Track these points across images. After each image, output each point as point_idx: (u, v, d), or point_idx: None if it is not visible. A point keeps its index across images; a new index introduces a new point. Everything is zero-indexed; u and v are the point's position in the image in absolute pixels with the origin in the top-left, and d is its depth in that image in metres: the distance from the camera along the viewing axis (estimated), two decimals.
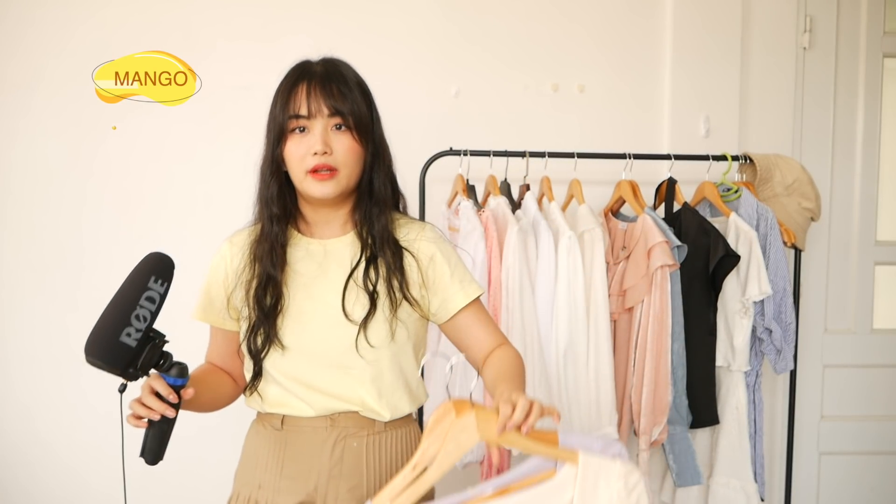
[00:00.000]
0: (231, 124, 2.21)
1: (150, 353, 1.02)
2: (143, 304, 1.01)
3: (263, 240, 1.22)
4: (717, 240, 1.88)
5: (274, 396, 1.21)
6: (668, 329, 1.85)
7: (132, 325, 1.00)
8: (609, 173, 2.07)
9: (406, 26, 2.23)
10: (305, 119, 1.16)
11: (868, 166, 2.42)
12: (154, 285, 1.03)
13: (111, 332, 0.99)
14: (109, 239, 2.20)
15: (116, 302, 1.03)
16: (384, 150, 1.24)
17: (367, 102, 1.20)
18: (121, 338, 0.99)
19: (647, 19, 2.30)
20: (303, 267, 1.22)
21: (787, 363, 1.99)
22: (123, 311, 1.01)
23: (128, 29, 2.18)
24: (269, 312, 1.18)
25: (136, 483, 2.26)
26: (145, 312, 1.01)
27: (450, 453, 1.01)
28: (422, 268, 1.22)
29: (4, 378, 2.21)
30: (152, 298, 1.02)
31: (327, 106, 1.15)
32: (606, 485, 1.01)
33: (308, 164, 1.15)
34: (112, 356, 0.99)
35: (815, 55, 2.37)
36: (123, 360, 1.00)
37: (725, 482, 1.96)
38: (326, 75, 1.18)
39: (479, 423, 1.00)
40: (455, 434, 1.01)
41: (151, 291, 1.02)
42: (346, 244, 1.23)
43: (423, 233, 1.25)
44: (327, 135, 1.16)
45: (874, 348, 2.45)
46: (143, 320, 1.01)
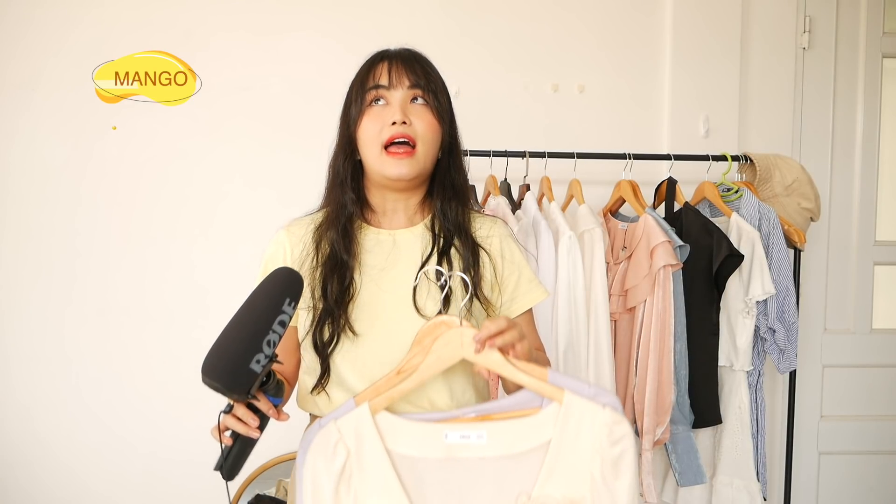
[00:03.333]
0: (231, 124, 2.21)
1: (263, 374, 0.95)
2: (275, 329, 0.93)
3: (332, 225, 1.16)
4: (720, 240, 1.88)
5: (340, 400, 1.12)
6: (670, 329, 1.85)
7: (263, 351, 0.92)
8: (609, 173, 2.07)
9: (407, 26, 2.23)
10: (385, 89, 1.12)
11: (867, 166, 2.42)
12: (287, 308, 0.95)
13: (241, 360, 0.91)
14: (109, 238, 2.20)
15: (249, 325, 0.94)
16: (458, 145, 1.21)
17: (446, 95, 1.17)
18: (250, 365, 0.91)
19: (647, 19, 2.30)
20: (371, 258, 1.16)
21: (791, 363, 1.99)
22: (256, 337, 0.92)
23: (128, 29, 2.18)
24: (339, 299, 1.11)
25: (136, 483, 2.28)
26: (275, 338, 0.94)
27: (430, 365, 1.02)
28: (494, 264, 1.18)
29: (4, 378, 2.21)
30: (283, 322, 0.95)
31: (409, 78, 1.12)
32: (590, 430, 0.97)
33: (384, 136, 1.11)
34: (238, 383, 0.91)
35: (815, 55, 2.38)
36: (246, 387, 0.92)
37: (728, 482, 1.96)
38: (409, 55, 1.16)
39: (462, 340, 1.01)
40: (439, 347, 1.01)
41: (284, 315, 0.95)
42: (416, 235, 1.18)
43: (496, 228, 1.21)
44: (406, 105, 1.12)
45: (874, 348, 2.45)
46: (273, 346, 0.93)
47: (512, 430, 0.99)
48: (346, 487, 0.98)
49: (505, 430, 0.99)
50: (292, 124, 2.21)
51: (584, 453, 0.97)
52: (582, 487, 0.97)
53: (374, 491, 0.98)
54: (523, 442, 0.99)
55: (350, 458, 0.98)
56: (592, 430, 0.97)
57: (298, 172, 2.08)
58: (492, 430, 0.99)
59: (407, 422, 1.00)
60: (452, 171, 1.19)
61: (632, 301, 1.89)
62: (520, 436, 0.99)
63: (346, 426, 0.99)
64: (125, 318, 2.21)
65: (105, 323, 2.20)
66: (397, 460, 0.99)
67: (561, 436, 0.98)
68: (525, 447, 0.99)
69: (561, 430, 0.98)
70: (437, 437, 0.99)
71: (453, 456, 0.99)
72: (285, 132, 2.21)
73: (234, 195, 2.22)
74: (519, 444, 0.99)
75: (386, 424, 1.00)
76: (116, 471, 2.23)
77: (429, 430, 1.00)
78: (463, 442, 0.99)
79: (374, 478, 0.98)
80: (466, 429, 0.99)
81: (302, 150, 2.19)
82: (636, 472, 0.98)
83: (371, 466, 0.98)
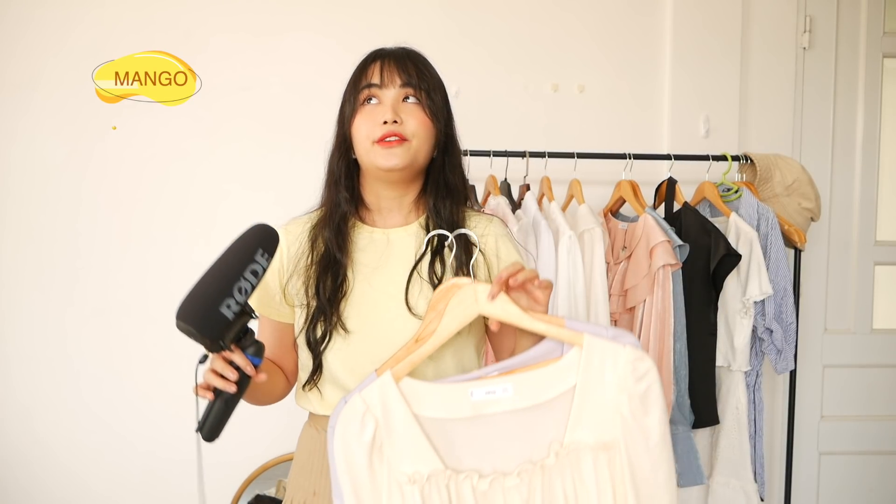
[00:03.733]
0: (231, 124, 2.21)
1: (238, 326, 0.98)
2: (246, 277, 0.96)
3: (327, 223, 1.17)
4: (717, 239, 1.88)
5: (331, 397, 1.16)
6: (670, 329, 1.85)
7: (234, 296, 0.95)
8: (609, 173, 2.07)
9: (407, 25, 2.23)
10: (377, 88, 1.13)
11: (868, 166, 2.42)
12: (260, 259, 0.98)
13: (212, 302, 0.94)
14: (108, 238, 2.20)
15: (219, 270, 0.97)
16: (455, 144, 1.21)
17: (442, 95, 1.17)
18: (220, 308, 0.94)
19: (648, 19, 2.30)
20: (364, 256, 1.17)
21: (788, 363, 1.99)
22: (227, 282, 0.95)
23: (128, 29, 2.18)
24: (331, 297, 1.13)
25: (136, 483, 2.28)
26: (247, 285, 0.96)
27: (447, 325, 1.02)
28: (489, 265, 1.17)
29: (4, 378, 2.21)
30: (256, 272, 0.97)
31: (401, 77, 1.13)
32: (613, 369, 0.96)
33: (376, 134, 1.11)
34: (208, 325, 0.94)
35: (815, 55, 2.38)
36: (218, 330, 0.95)
37: (725, 482, 1.96)
38: (403, 53, 1.16)
39: (477, 295, 1.01)
40: (453, 307, 1.02)
41: (256, 265, 0.97)
42: (409, 234, 1.18)
43: (492, 227, 1.20)
44: (398, 105, 1.13)
45: (874, 348, 2.45)
46: (245, 293, 0.96)
47: (537, 380, 0.99)
48: (378, 457, 0.98)
49: (530, 381, 0.99)
50: (292, 124, 2.21)
51: (611, 393, 0.97)
52: (613, 430, 0.96)
53: (406, 456, 0.98)
54: (549, 390, 0.98)
55: (379, 428, 0.98)
56: (616, 369, 0.96)
57: (298, 172, 2.08)
58: (517, 382, 0.99)
59: (431, 385, 1.00)
60: (447, 170, 1.18)
61: (631, 301, 1.89)
62: (545, 384, 0.98)
63: (372, 397, 0.99)
64: (125, 318, 2.21)
65: (105, 323, 2.20)
66: (426, 424, 0.98)
67: (585, 379, 0.97)
68: (551, 394, 0.98)
69: (585, 372, 0.97)
70: (462, 397, 0.99)
71: (481, 413, 0.98)
72: (285, 132, 2.21)
73: (235, 195, 2.22)
74: (545, 393, 0.98)
75: (410, 390, 0.99)
76: (116, 470, 2.23)
77: (454, 390, 0.99)
78: (489, 398, 0.98)
79: (406, 443, 0.98)
80: (491, 384, 0.99)
81: (302, 151, 2.19)
82: (664, 406, 0.97)
83: (401, 433, 0.98)
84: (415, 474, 0.97)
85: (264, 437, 2.11)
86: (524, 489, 0.97)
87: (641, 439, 0.96)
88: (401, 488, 0.97)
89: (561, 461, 0.97)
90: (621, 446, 0.96)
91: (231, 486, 2.14)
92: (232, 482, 2.16)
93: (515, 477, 0.97)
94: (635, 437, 0.96)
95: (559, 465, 0.97)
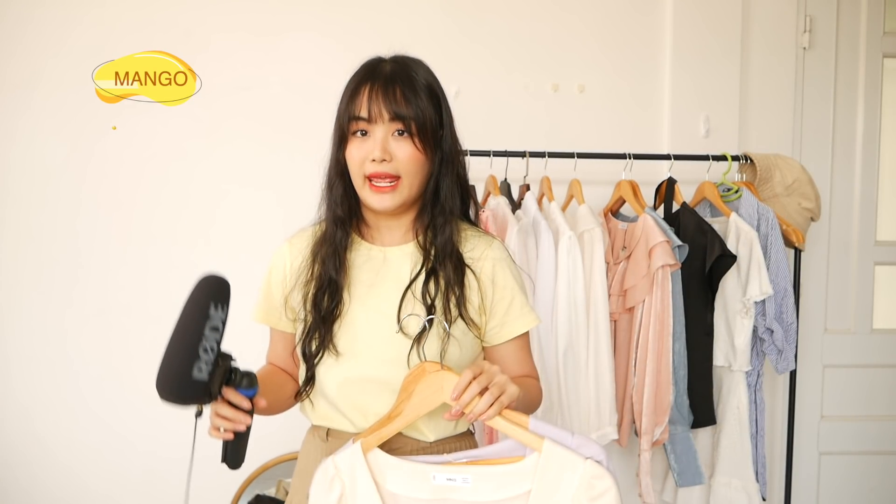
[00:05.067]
0: (231, 125, 2.21)
1: (220, 375, 1.00)
2: (207, 336, 0.97)
3: (326, 242, 1.17)
4: (713, 239, 1.88)
5: (321, 408, 1.19)
6: (669, 329, 1.85)
7: (201, 358, 0.96)
8: (609, 173, 2.07)
9: (407, 25, 2.23)
10: (366, 122, 1.10)
11: (868, 166, 2.42)
12: (215, 313, 0.98)
13: (183, 371, 0.96)
14: (108, 239, 2.20)
15: (180, 337, 0.98)
16: (454, 155, 1.17)
17: (434, 106, 1.14)
18: (193, 375, 0.96)
19: (647, 19, 2.30)
20: (361, 273, 1.17)
21: (789, 363, 1.99)
22: (190, 346, 0.96)
23: (128, 29, 2.18)
24: (326, 317, 1.13)
25: (136, 483, 2.28)
26: (211, 343, 0.97)
27: (415, 406, 1.04)
28: (482, 289, 1.16)
29: (4, 378, 2.21)
30: (216, 328, 0.98)
31: (388, 110, 1.09)
32: (570, 482, 0.95)
33: (367, 170, 1.10)
34: (187, 394, 0.98)
35: (815, 55, 2.37)
36: (198, 393, 0.98)
37: (727, 482, 1.96)
38: (392, 77, 1.11)
39: (445, 385, 1.02)
40: (421, 389, 1.04)
41: (213, 320, 0.98)
42: (406, 253, 1.17)
43: (490, 251, 1.18)
44: (387, 141, 1.10)
45: (874, 348, 2.45)
46: (211, 351, 0.97)
47: (495, 477, 1.00)
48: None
49: (489, 476, 1.01)
50: (292, 124, 2.21)
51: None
52: None
53: None
54: (504, 490, 1.00)
55: (345, 493, 1.04)
56: (572, 483, 0.95)
57: (298, 172, 2.07)
58: (477, 475, 1.01)
59: (397, 461, 1.04)
60: (442, 190, 1.16)
61: (631, 301, 1.89)
62: (502, 483, 1.00)
63: (343, 463, 1.04)
64: (125, 318, 2.21)
65: (105, 323, 2.20)
66: (387, 497, 1.03)
67: (540, 486, 0.97)
68: (506, 495, 0.99)
69: (540, 480, 0.97)
70: (424, 478, 1.02)
71: (444, 497, 1.01)
72: (285, 132, 2.21)
73: (235, 195, 2.22)
74: (501, 492, 1.00)
75: (377, 462, 1.04)
76: (116, 470, 2.23)
77: (417, 470, 1.03)
78: (449, 484, 1.01)
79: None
80: (453, 472, 1.02)
81: (302, 151, 2.19)
82: None
83: (362, 501, 1.02)
84: None
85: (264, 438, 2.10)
86: None
87: None
88: None
89: None
90: None
91: (231, 486, 2.14)
92: (232, 482, 2.16)
93: None
94: None
95: None
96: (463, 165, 1.20)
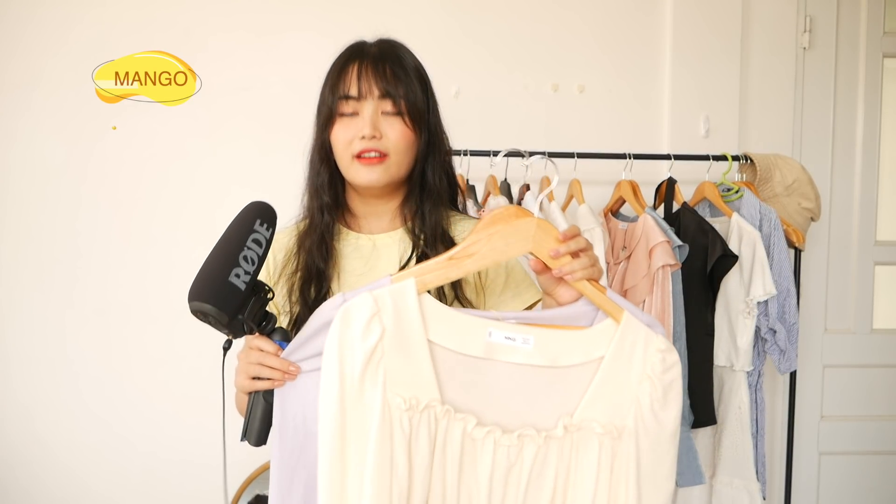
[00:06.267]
0: (231, 124, 2.21)
1: (255, 305, 0.95)
2: (250, 246, 0.94)
3: (312, 231, 1.15)
4: (714, 239, 1.87)
5: None
6: (669, 329, 1.85)
7: (241, 265, 0.92)
8: (609, 173, 2.07)
9: (407, 25, 2.21)
10: (355, 100, 1.08)
11: (868, 166, 2.42)
12: (260, 228, 0.96)
13: (220, 273, 0.91)
14: (108, 239, 2.20)
15: (222, 245, 0.95)
16: (440, 140, 1.16)
17: (423, 88, 1.12)
18: (230, 278, 0.91)
19: (648, 19, 2.30)
20: (349, 263, 1.14)
21: (791, 363, 1.99)
22: (231, 252, 0.93)
23: (128, 29, 2.18)
24: (312, 306, 1.08)
25: (136, 483, 2.28)
26: (253, 255, 0.94)
27: (495, 249, 0.92)
28: None
29: (4, 378, 2.21)
30: (259, 241, 0.95)
31: (378, 87, 1.08)
32: (643, 353, 0.91)
33: (355, 149, 1.08)
34: (222, 298, 0.90)
35: (815, 55, 2.37)
36: (233, 303, 0.91)
37: (728, 481, 1.96)
38: (380, 55, 1.11)
39: (536, 233, 0.92)
40: (508, 233, 0.92)
41: (258, 234, 0.95)
42: (395, 240, 1.15)
43: None
44: (377, 118, 1.08)
45: (874, 348, 2.45)
46: (252, 262, 0.93)
47: (561, 341, 0.91)
48: (373, 370, 0.88)
49: (554, 340, 0.90)
50: (292, 124, 2.20)
51: (634, 378, 0.91)
52: (626, 416, 0.91)
53: (406, 379, 0.88)
54: (572, 355, 0.90)
55: (385, 338, 0.88)
56: (647, 354, 0.91)
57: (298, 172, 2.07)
58: (539, 336, 0.90)
59: (451, 310, 0.90)
60: (429, 174, 1.14)
61: (631, 301, 1.89)
62: (569, 348, 0.91)
63: (385, 301, 0.88)
64: (126, 318, 2.21)
65: (105, 323, 2.20)
66: (435, 350, 0.89)
67: (615, 354, 0.91)
68: (573, 361, 0.91)
69: (617, 348, 0.91)
70: (480, 333, 0.89)
71: (493, 357, 0.90)
72: (285, 132, 2.20)
73: (235, 194, 2.20)
74: (567, 357, 0.90)
75: (428, 308, 0.89)
76: (116, 470, 2.23)
77: (473, 324, 0.90)
78: (507, 343, 0.89)
79: (410, 365, 0.88)
80: (513, 330, 0.90)
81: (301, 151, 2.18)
82: (681, 403, 0.93)
83: (408, 352, 0.88)
84: (411, 399, 0.88)
85: None
86: (514, 453, 0.90)
87: (654, 432, 0.91)
88: (390, 409, 0.88)
89: (567, 438, 0.90)
90: (631, 436, 0.90)
91: (231, 486, 2.14)
92: (232, 482, 2.16)
93: (515, 438, 0.89)
94: (648, 429, 0.91)
95: (563, 442, 0.90)
96: (448, 151, 1.18)
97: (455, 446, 0.89)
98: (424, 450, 0.88)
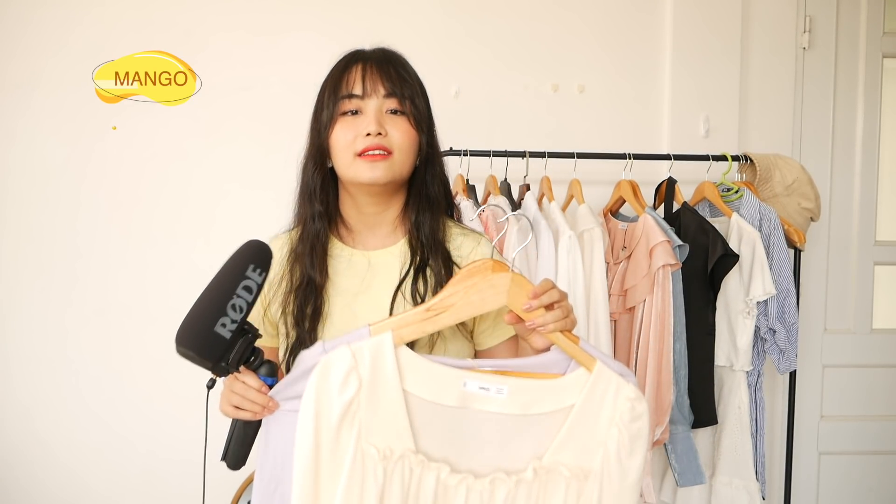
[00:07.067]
0: (231, 124, 2.21)
1: (242, 347, 0.96)
2: (239, 294, 0.94)
3: (304, 238, 1.12)
4: (715, 239, 1.87)
5: None
6: (669, 328, 1.85)
7: (227, 315, 0.93)
8: (609, 173, 2.07)
9: (407, 25, 2.23)
10: (359, 99, 1.07)
11: (868, 166, 2.42)
12: (252, 274, 0.96)
13: (206, 323, 0.93)
14: (108, 238, 2.20)
15: (212, 291, 0.95)
16: (437, 150, 1.16)
17: (423, 95, 1.12)
18: (215, 328, 0.92)
19: (648, 19, 2.30)
20: (344, 281, 1.11)
21: (791, 363, 1.99)
22: (219, 301, 0.94)
23: (128, 29, 2.18)
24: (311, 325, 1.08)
25: (136, 483, 2.28)
26: (241, 303, 0.94)
27: (471, 303, 0.95)
28: None
29: (4, 378, 2.21)
30: (249, 288, 0.95)
31: (384, 86, 1.07)
32: (613, 401, 0.94)
33: (357, 147, 1.06)
34: (205, 347, 0.92)
35: (815, 55, 2.38)
36: (217, 351, 0.93)
37: (728, 481, 1.96)
38: (384, 58, 1.10)
39: (511, 287, 0.95)
40: (483, 287, 0.95)
41: (249, 280, 0.95)
42: (393, 255, 1.12)
43: (479, 248, 1.14)
44: (382, 116, 1.07)
45: (874, 348, 2.45)
46: (239, 311, 0.94)
47: (534, 390, 0.94)
48: (349, 422, 0.91)
49: (527, 389, 0.93)
50: (292, 124, 2.19)
51: (603, 423, 0.94)
52: (594, 458, 0.94)
53: (381, 431, 0.91)
54: (544, 404, 0.94)
55: (360, 392, 0.90)
56: (616, 402, 0.94)
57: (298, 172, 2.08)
58: (513, 386, 0.93)
59: (428, 361, 0.93)
60: (428, 181, 1.13)
61: (631, 301, 1.89)
62: (542, 397, 0.94)
63: (363, 355, 0.91)
64: (125, 318, 2.21)
65: (105, 323, 2.20)
66: (410, 401, 0.91)
67: (586, 402, 0.94)
68: (545, 409, 0.94)
69: (587, 396, 0.94)
70: (455, 384, 0.92)
71: (468, 406, 0.93)
72: (285, 132, 2.20)
73: (235, 195, 2.22)
74: (539, 406, 0.93)
75: (405, 361, 0.92)
76: (116, 470, 2.23)
77: (448, 374, 0.92)
78: (482, 393, 0.92)
79: (384, 417, 0.91)
80: (487, 380, 0.93)
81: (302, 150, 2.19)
82: (647, 452, 0.96)
83: (383, 404, 0.91)
84: (385, 449, 0.91)
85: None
86: (487, 497, 0.93)
87: (618, 478, 0.94)
88: (364, 460, 0.91)
89: (536, 481, 0.94)
90: (596, 479, 0.94)
91: (231, 486, 2.14)
92: (232, 482, 2.16)
93: (487, 483, 0.93)
94: (612, 474, 0.94)
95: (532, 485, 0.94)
96: (443, 163, 1.17)
97: (428, 494, 0.93)
98: (397, 499, 0.92)
